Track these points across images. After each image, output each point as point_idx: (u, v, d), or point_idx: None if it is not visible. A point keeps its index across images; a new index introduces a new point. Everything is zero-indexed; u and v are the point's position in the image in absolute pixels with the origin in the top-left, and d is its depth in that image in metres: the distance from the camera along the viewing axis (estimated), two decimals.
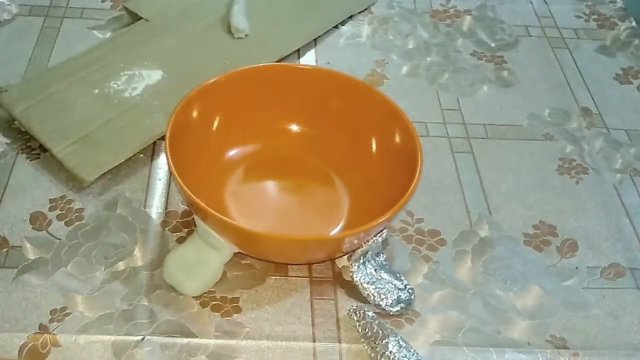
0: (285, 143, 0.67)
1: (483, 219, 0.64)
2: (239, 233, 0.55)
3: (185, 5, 0.81)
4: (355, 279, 0.57)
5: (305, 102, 0.66)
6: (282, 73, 0.66)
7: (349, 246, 0.57)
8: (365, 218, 0.54)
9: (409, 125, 0.60)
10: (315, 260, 0.59)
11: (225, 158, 0.65)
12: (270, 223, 0.61)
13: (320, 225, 0.61)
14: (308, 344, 0.54)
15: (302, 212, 0.63)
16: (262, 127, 0.66)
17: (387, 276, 0.57)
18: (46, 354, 0.52)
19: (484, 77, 0.79)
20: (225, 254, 0.57)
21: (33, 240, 0.58)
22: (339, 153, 0.65)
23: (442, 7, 0.88)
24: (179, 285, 0.56)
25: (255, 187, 0.65)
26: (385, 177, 0.61)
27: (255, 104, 0.65)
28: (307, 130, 0.67)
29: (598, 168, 0.70)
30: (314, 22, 0.82)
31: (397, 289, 0.57)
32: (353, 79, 0.66)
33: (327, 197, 0.64)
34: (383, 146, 0.63)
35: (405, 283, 0.58)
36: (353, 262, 0.57)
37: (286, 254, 0.58)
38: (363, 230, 0.54)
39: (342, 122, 0.65)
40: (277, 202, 0.65)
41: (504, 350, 0.55)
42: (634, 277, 0.61)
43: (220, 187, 0.63)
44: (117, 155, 0.64)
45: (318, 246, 0.56)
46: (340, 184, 0.64)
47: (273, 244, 0.55)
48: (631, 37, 0.86)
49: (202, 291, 0.56)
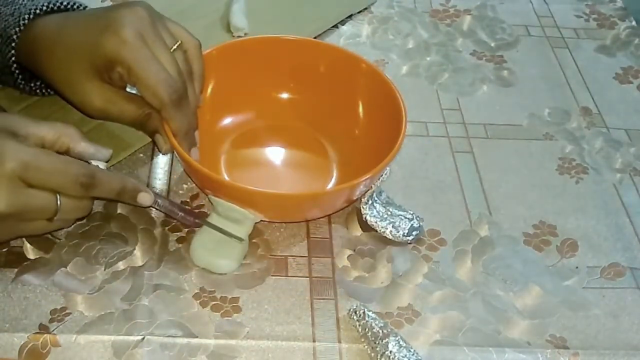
0: (277, 111, 0.69)
1: (483, 219, 0.64)
2: (268, 198, 0.57)
3: (185, 4, 0.81)
4: (369, 220, 0.61)
5: (294, 72, 0.69)
6: (271, 45, 0.68)
7: (360, 192, 0.60)
8: (356, 174, 0.57)
9: (392, 88, 0.63)
10: (334, 211, 0.62)
11: (217, 127, 0.67)
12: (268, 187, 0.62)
13: (315, 184, 0.65)
14: (308, 344, 0.54)
15: (294, 174, 0.67)
16: (253, 96, 0.69)
17: (395, 210, 0.61)
18: (46, 354, 0.52)
19: (484, 77, 0.79)
20: (248, 225, 0.58)
21: (33, 240, 0.58)
22: (328, 118, 0.68)
23: (442, 6, 0.88)
24: (212, 266, 0.57)
25: (249, 154, 0.68)
26: (373, 138, 0.64)
27: (246, 75, 0.68)
28: (297, 98, 0.70)
29: (598, 168, 0.70)
30: (313, 22, 0.82)
31: (407, 219, 0.61)
32: (339, 48, 0.70)
33: (318, 159, 0.67)
34: (370, 109, 0.67)
35: (412, 212, 0.62)
36: (363, 205, 0.61)
37: (308, 210, 0.61)
38: (374, 172, 0.57)
39: (330, 89, 0.68)
40: (271, 168, 0.68)
41: (504, 350, 0.55)
42: (634, 276, 0.61)
43: (215, 157, 0.65)
44: (116, 154, 0.64)
45: (337, 197, 0.60)
46: (330, 147, 0.67)
47: (302, 202, 0.59)
48: (631, 36, 0.86)
49: (236, 266, 0.58)
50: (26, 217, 0.52)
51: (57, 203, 0.52)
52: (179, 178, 0.65)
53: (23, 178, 0.50)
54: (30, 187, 0.51)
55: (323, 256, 0.60)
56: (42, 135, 0.53)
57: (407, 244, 0.61)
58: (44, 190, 0.52)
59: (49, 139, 0.54)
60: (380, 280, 0.59)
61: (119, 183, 0.55)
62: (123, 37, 0.55)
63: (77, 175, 0.52)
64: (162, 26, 0.59)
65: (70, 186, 0.52)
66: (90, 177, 0.53)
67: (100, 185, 0.53)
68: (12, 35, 0.60)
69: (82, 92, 0.59)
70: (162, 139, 0.59)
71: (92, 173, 0.53)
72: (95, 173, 0.53)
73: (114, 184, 0.55)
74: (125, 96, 0.59)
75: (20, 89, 0.65)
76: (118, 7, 0.58)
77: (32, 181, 0.51)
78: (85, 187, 0.53)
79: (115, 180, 0.55)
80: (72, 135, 0.55)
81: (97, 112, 0.60)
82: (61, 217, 0.53)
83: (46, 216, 0.53)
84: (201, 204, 0.63)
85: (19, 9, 0.60)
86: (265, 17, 0.81)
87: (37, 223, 0.54)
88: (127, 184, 0.55)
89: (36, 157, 0.51)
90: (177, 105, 0.57)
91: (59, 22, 0.59)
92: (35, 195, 0.51)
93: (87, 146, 0.55)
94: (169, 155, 0.66)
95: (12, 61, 0.61)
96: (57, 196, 0.52)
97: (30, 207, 0.51)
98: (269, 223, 0.61)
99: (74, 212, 0.55)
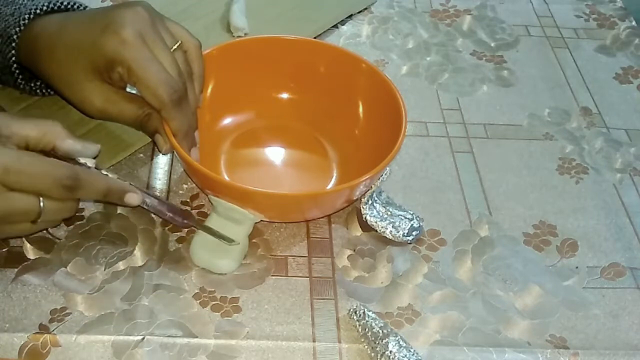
0: (277, 111, 0.69)
1: (483, 219, 0.64)
2: (268, 198, 0.57)
3: (185, 4, 0.81)
4: (369, 220, 0.60)
5: (294, 72, 0.69)
6: (271, 45, 0.68)
7: (360, 192, 0.60)
8: (356, 174, 0.57)
9: (392, 88, 0.63)
10: (333, 211, 0.62)
11: (217, 127, 0.68)
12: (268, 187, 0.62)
13: (315, 184, 0.65)
14: (308, 344, 0.54)
15: (294, 174, 0.68)
16: (253, 96, 0.69)
17: (395, 210, 0.61)
18: (46, 354, 0.52)
19: (483, 77, 0.79)
20: (248, 225, 0.58)
21: (33, 240, 0.58)
22: (328, 118, 0.68)
23: (442, 6, 0.88)
24: (212, 266, 0.57)
25: (249, 154, 0.68)
26: (373, 138, 0.64)
27: (246, 75, 0.68)
28: (297, 98, 0.70)
29: (598, 168, 0.70)
30: (313, 22, 0.82)
31: (407, 219, 0.61)
32: (339, 48, 0.70)
33: (318, 159, 0.67)
34: (370, 109, 0.67)
35: (412, 212, 0.62)
36: (363, 205, 0.61)
37: (308, 210, 0.61)
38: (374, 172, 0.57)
39: (330, 89, 0.68)
40: (271, 168, 0.68)
41: (504, 350, 0.55)
42: (634, 276, 0.61)
43: (215, 157, 0.65)
44: (116, 154, 0.64)
45: (337, 197, 0.60)
46: (330, 147, 0.67)
47: (302, 202, 0.58)
48: (631, 36, 0.86)
49: (236, 266, 0.58)
50: (9, 220, 0.52)
51: (40, 206, 0.51)
52: (179, 178, 0.65)
53: (4, 182, 0.50)
54: (12, 190, 0.50)
55: (323, 256, 0.60)
56: (25, 134, 0.52)
57: (407, 244, 0.61)
58: (26, 194, 0.51)
59: (33, 138, 0.53)
60: (380, 280, 0.59)
61: (104, 184, 0.54)
62: (123, 37, 0.55)
63: (60, 178, 0.51)
64: (162, 26, 0.59)
65: (54, 189, 0.51)
66: (73, 180, 0.52)
67: (85, 187, 0.53)
68: (12, 35, 0.60)
69: (82, 92, 0.59)
70: (162, 139, 0.59)
71: (76, 175, 0.52)
72: (79, 174, 0.52)
73: (99, 185, 0.54)
74: (125, 96, 0.59)
75: (20, 89, 0.65)
76: (118, 7, 0.58)
77: (14, 185, 0.50)
78: (68, 189, 0.52)
79: (101, 182, 0.54)
80: (57, 132, 0.54)
81: (97, 112, 0.60)
82: (45, 219, 0.53)
83: (29, 219, 0.52)
84: (201, 204, 0.63)
85: (19, 9, 0.60)
86: (265, 17, 0.81)
87: (21, 225, 0.53)
88: (112, 185, 0.55)
89: (18, 161, 0.50)
90: (177, 105, 0.57)
91: (59, 22, 0.59)
92: (18, 199, 0.51)
93: (74, 143, 0.54)
94: (169, 155, 0.66)
95: (12, 61, 0.61)
96: (39, 199, 0.51)
97: (12, 210, 0.51)
98: (269, 223, 0.62)
99: (58, 214, 0.54)
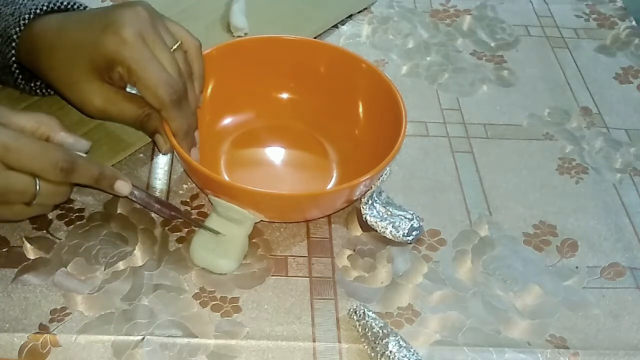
0: (277, 111, 0.69)
1: (483, 219, 0.64)
2: (268, 198, 0.57)
3: (185, 4, 0.81)
4: (369, 220, 0.60)
5: (294, 72, 0.69)
6: (271, 45, 0.68)
7: (360, 192, 0.60)
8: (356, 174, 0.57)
9: (392, 88, 0.63)
10: (333, 211, 0.62)
11: (217, 127, 0.68)
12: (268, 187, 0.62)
13: (315, 184, 0.65)
14: (308, 344, 0.54)
15: (294, 174, 0.67)
16: (253, 96, 0.69)
17: (395, 210, 0.61)
18: (46, 354, 0.52)
19: (484, 77, 0.79)
20: (248, 225, 0.58)
21: (33, 240, 0.58)
22: (328, 118, 0.68)
23: (442, 6, 0.88)
24: (212, 266, 0.58)
25: (249, 154, 0.68)
26: (373, 138, 0.65)
27: (246, 75, 0.68)
28: (297, 98, 0.70)
29: (598, 168, 0.70)
30: (313, 22, 0.82)
31: (407, 220, 0.61)
32: (339, 48, 0.70)
33: (318, 159, 0.67)
34: (370, 109, 0.67)
35: (412, 212, 0.62)
36: (363, 205, 0.61)
37: (308, 210, 0.61)
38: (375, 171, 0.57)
39: (330, 89, 0.68)
40: (271, 168, 0.68)
41: (504, 350, 0.55)
42: (634, 276, 0.61)
43: (215, 157, 0.65)
44: (116, 154, 0.64)
45: (337, 197, 0.60)
46: (330, 147, 0.67)
47: (302, 202, 0.58)
48: (631, 36, 0.86)
49: (236, 266, 0.58)
50: (4, 199, 0.53)
51: (35, 187, 0.53)
52: (179, 178, 0.65)
53: (3, 160, 0.51)
54: (10, 169, 0.51)
55: (323, 256, 0.60)
56: (22, 125, 0.54)
57: (407, 244, 0.61)
58: (23, 173, 0.52)
59: (28, 129, 0.54)
60: (380, 280, 0.59)
61: (97, 169, 0.56)
62: (123, 37, 0.55)
63: (58, 161, 0.53)
64: (162, 26, 0.59)
65: (50, 170, 0.53)
66: (70, 163, 0.53)
67: (80, 170, 0.54)
68: (12, 35, 0.60)
69: (82, 92, 0.59)
70: (162, 139, 0.59)
71: (72, 159, 0.54)
72: (75, 159, 0.54)
73: (92, 170, 0.55)
74: (125, 96, 0.59)
75: (20, 89, 0.65)
76: (118, 7, 0.58)
77: (13, 163, 0.51)
78: (65, 172, 0.53)
79: (94, 167, 0.56)
80: (52, 125, 0.56)
81: (97, 112, 0.60)
82: (39, 201, 0.54)
83: (25, 200, 0.53)
84: (201, 204, 0.63)
85: (19, 9, 0.60)
86: (265, 17, 0.81)
87: (15, 207, 0.54)
88: (105, 171, 0.56)
89: (17, 140, 0.52)
90: (177, 105, 0.57)
91: (59, 22, 0.59)
92: (15, 178, 0.52)
93: (66, 136, 0.56)
94: (169, 155, 0.66)
95: (12, 61, 0.61)
96: (36, 180, 0.53)
97: (8, 189, 0.52)
98: (269, 223, 0.62)
99: (52, 197, 0.55)
